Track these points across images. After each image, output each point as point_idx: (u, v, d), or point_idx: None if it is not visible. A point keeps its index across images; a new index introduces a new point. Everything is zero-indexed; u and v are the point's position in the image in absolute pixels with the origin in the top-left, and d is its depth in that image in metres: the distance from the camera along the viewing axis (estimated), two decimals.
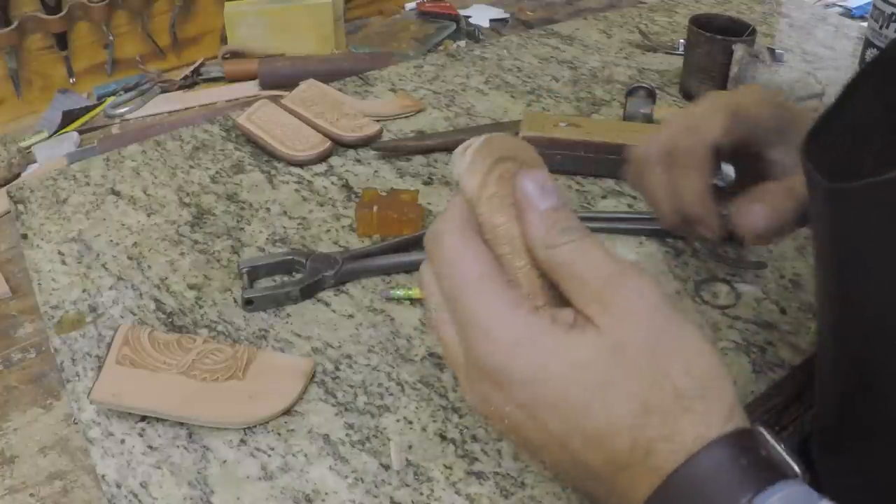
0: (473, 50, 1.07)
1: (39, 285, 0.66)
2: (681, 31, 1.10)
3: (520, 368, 0.34)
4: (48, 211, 0.75)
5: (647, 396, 0.33)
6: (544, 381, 0.33)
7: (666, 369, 0.33)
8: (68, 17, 1.00)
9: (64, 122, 0.97)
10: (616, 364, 0.33)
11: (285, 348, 0.59)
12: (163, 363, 0.55)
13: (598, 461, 0.34)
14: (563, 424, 0.34)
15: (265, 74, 1.04)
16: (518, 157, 0.36)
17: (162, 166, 0.81)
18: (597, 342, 0.33)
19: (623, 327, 0.33)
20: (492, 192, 0.34)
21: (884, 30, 0.80)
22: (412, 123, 0.88)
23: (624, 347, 0.33)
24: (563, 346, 0.34)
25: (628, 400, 0.33)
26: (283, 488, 0.49)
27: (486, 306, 0.35)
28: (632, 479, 0.33)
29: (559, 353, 0.33)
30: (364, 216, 0.70)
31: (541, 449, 0.35)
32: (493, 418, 0.36)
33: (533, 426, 0.34)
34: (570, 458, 0.34)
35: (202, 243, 0.70)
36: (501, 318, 0.34)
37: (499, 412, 0.35)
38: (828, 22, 1.19)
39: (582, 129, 0.77)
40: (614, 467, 0.33)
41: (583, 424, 0.33)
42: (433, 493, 0.49)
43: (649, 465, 0.33)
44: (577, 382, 0.33)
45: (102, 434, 0.52)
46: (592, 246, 0.35)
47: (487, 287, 0.35)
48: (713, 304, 0.63)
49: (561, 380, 0.33)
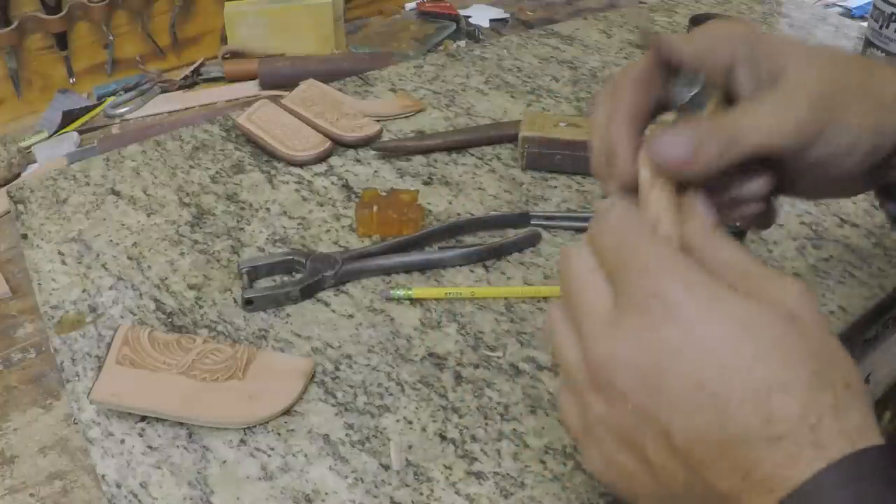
0: (473, 50, 1.07)
1: (39, 285, 0.66)
2: (681, 31, 1.10)
3: (692, 305, 0.31)
4: (48, 211, 0.75)
5: (823, 370, 0.30)
6: (716, 320, 0.31)
7: (838, 356, 0.31)
8: (68, 17, 1.00)
9: (64, 122, 0.97)
10: (792, 331, 0.31)
11: (285, 348, 0.59)
12: (163, 363, 0.55)
13: (753, 422, 0.29)
14: (722, 374, 0.30)
15: (265, 74, 1.04)
16: None
17: (162, 166, 0.81)
18: (773, 309, 0.31)
19: (794, 308, 0.32)
20: (661, 188, 0.35)
21: (884, 30, 0.81)
22: (412, 123, 0.88)
23: (798, 320, 0.31)
24: (739, 300, 0.31)
25: (805, 364, 0.30)
26: (283, 488, 0.49)
27: (668, 257, 0.33)
28: (786, 452, 0.29)
29: (735, 304, 0.31)
30: (364, 216, 0.70)
31: (678, 402, 0.31)
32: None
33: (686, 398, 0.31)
34: (714, 418, 0.30)
35: (202, 243, 0.70)
36: (683, 263, 0.32)
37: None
38: (828, 22, 1.19)
39: (582, 130, 0.77)
40: (770, 433, 0.29)
41: (751, 374, 0.30)
42: (433, 493, 0.49)
43: (814, 438, 0.29)
44: (751, 332, 0.31)
45: (102, 434, 0.52)
46: (753, 257, 0.34)
47: (669, 246, 0.34)
48: None
49: (735, 324, 0.31)
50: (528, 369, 0.57)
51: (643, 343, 0.32)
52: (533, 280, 0.66)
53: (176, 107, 1.02)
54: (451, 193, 0.76)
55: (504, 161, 0.81)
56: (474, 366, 0.57)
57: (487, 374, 0.57)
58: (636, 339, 0.32)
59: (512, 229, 0.71)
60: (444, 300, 0.63)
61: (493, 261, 0.68)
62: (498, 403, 0.54)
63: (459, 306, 0.63)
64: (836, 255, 0.68)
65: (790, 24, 1.18)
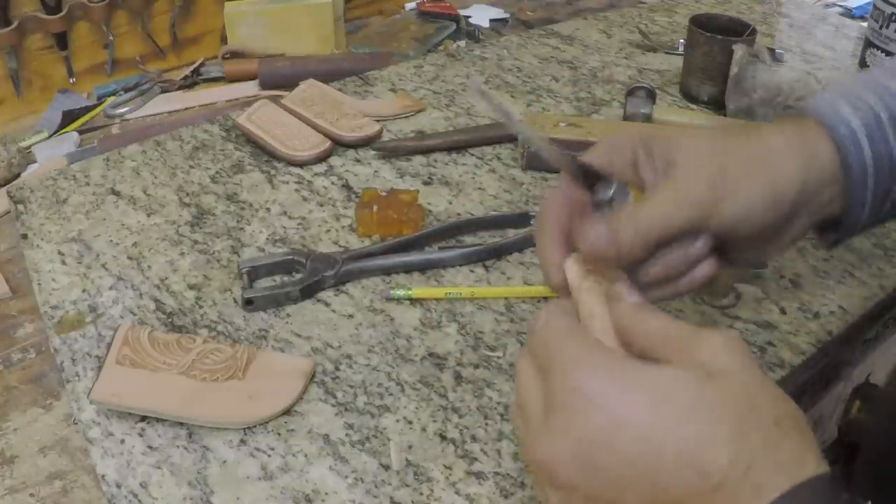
0: (473, 50, 1.07)
1: (39, 285, 0.66)
2: (681, 31, 1.10)
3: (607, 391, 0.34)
4: (48, 211, 0.75)
5: (746, 416, 0.32)
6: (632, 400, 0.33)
7: (760, 398, 0.33)
8: (68, 17, 1.00)
9: (64, 122, 0.97)
10: (709, 387, 0.33)
11: (285, 348, 0.59)
12: (163, 363, 0.55)
13: (691, 479, 0.32)
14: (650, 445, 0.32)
15: (265, 74, 1.04)
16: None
17: (162, 166, 0.81)
18: (686, 373, 0.34)
19: (713, 362, 0.34)
20: (588, 286, 0.42)
21: (884, 30, 0.80)
22: (412, 123, 0.88)
23: (714, 376, 0.33)
24: (651, 373, 0.34)
25: (725, 417, 0.32)
26: (283, 488, 0.49)
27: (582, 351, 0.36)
28: (728, 498, 0.31)
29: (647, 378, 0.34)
30: (364, 216, 0.70)
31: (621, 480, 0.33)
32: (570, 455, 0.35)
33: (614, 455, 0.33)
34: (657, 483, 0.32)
35: (202, 243, 0.70)
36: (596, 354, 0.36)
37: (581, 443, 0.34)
38: (828, 22, 1.19)
39: (582, 130, 0.77)
40: (708, 485, 0.31)
41: (677, 437, 0.32)
42: (433, 493, 0.49)
43: (750, 481, 0.31)
44: (668, 400, 0.33)
45: (102, 434, 0.52)
46: (677, 321, 0.37)
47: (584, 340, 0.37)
48: (713, 304, 0.63)
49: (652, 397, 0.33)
50: None
51: (574, 437, 0.34)
52: (533, 280, 0.66)
53: (176, 107, 1.02)
54: (451, 193, 0.76)
55: (504, 161, 0.81)
56: (474, 366, 0.57)
57: (487, 374, 0.57)
58: (567, 435, 0.34)
59: (512, 229, 0.71)
60: (444, 300, 0.63)
61: (493, 261, 0.68)
62: (498, 403, 0.54)
63: (459, 306, 0.63)
64: (836, 255, 0.68)
65: (790, 23, 1.18)
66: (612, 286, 0.42)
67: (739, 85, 0.84)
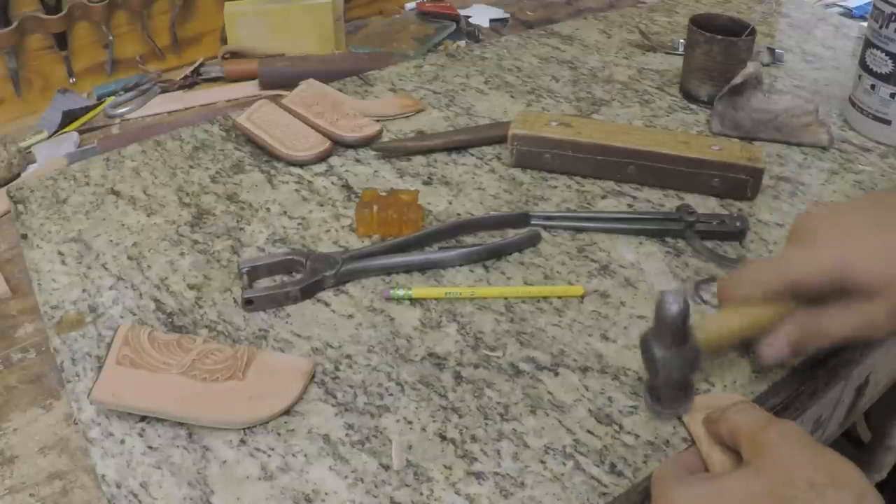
0: (473, 50, 1.07)
1: (39, 285, 0.66)
2: (681, 31, 1.10)
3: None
4: (48, 211, 0.75)
5: (782, 491, 0.40)
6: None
7: (797, 469, 0.40)
8: (68, 17, 1.00)
9: (64, 122, 0.97)
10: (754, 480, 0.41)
11: (285, 348, 0.59)
12: (163, 363, 0.55)
13: None
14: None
15: (265, 74, 1.04)
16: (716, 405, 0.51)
17: (162, 166, 0.81)
18: (743, 472, 0.43)
19: (765, 457, 0.42)
20: (702, 433, 0.51)
21: (884, 30, 0.80)
22: (412, 123, 0.88)
23: (761, 469, 0.42)
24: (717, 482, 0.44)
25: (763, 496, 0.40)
26: (283, 488, 0.49)
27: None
28: None
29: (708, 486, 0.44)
30: (364, 216, 0.70)
31: None
32: None
33: None
34: None
35: (202, 243, 0.70)
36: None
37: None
38: (828, 22, 1.19)
39: (572, 129, 0.77)
40: None
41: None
42: (433, 493, 0.49)
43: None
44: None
45: (102, 434, 0.52)
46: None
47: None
48: (713, 305, 0.63)
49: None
50: (528, 369, 0.57)
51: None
52: (533, 280, 0.66)
53: (176, 107, 1.02)
54: (451, 193, 0.76)
55: (504, 161, 0.81)
56: (474, 366, 0.57)
57: (487, 374, 0.57)
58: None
59: (512, 229, 0.71)
60: (444, 300, 0.63)
61: (493, 261, 0.68)
62: (498, 403, 0.54)
63: (459, 306, 0.63)
64: None
65: (790, 23, 1.18)
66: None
67: (734, 97, 0.83)
